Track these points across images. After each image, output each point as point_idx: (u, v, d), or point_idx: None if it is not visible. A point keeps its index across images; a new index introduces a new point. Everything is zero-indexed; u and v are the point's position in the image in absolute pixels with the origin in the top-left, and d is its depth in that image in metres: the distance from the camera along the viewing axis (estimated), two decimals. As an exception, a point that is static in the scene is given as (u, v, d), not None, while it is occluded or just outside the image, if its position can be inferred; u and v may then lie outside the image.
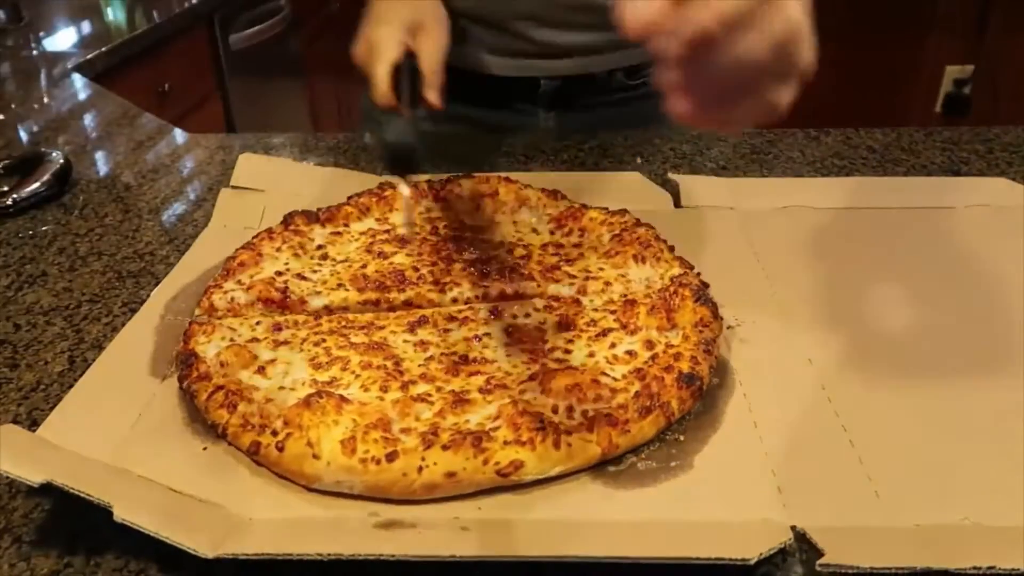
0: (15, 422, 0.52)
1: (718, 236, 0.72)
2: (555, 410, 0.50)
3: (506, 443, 0.46)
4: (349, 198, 0.75)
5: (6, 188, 0.82)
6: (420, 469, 0.45)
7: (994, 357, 0.56)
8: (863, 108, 2.57)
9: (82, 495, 0.42)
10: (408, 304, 0.62)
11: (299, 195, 0.77)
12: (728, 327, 0.59)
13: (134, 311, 0.64)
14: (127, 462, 0.48)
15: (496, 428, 0.48)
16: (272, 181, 0.82)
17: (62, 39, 1.73)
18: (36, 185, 0.83)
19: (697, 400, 0.52)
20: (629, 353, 0.55)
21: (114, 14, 1.90)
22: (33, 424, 0.52)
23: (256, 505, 0.45)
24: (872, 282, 0.65)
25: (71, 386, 0.55)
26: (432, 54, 0.76)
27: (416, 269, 0.65)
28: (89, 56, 1.50)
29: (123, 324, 0.62)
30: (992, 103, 2.54)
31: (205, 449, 0.50)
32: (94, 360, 0.58)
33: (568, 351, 0.55)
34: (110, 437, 0.50)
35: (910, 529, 0.43)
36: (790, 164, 0.87)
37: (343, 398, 0.49)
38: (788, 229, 0.73)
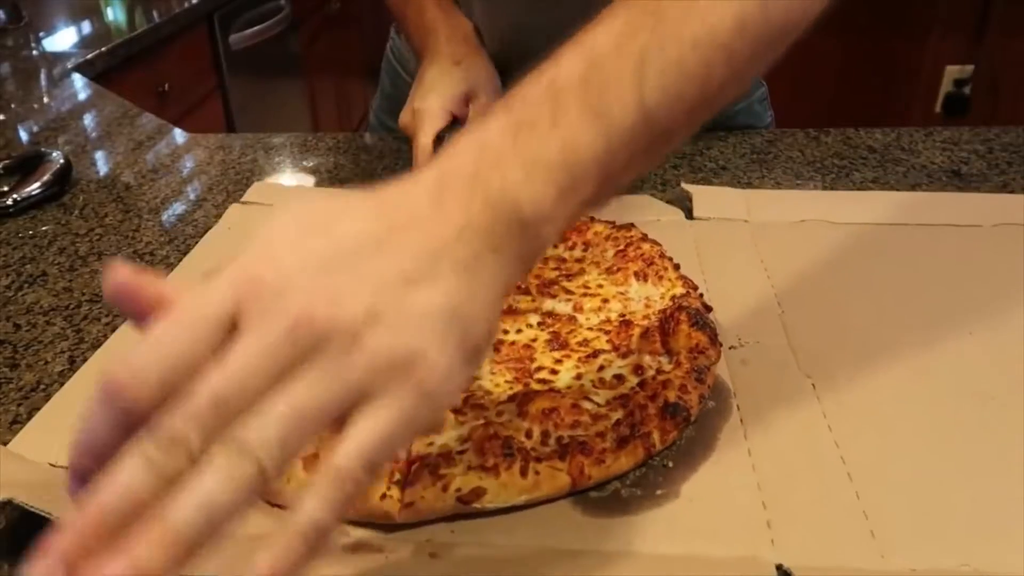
0: (15, 422, 0.52)
1: (728, 250, 0.69)
2: (529, 434, 0.47)
3: (470, 468, 0.44)
4: None
5: (6, 188, 0.82)
6: (382, 496, 0.43)
7: (1010, 391, 0.52)
8: (863, 108, 2.57)
9: (43, 514, 0.41)
10: None
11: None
12: (730, 347, 0.57)
13: (134, 311, 0.64)
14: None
15: (463, 451, 0.45)
16: (282, 198, 0.81)
17: (62, 39, 1.73)
18: (36, 185, 0.83)
19: (682, 432, 0.49)
20: (617, 378, 0.52)
21: (114, 14, 1.90)
22: (33, 424, 0.52)
23: None
24: (887, 305, 0.62)
25: (71, 386, 0.55)
26: None
27: None
28: (89, 56, 1.50)
29: (123, 324, 0.62)
30: (992, 103, 2.54)
31: None
32: (94, 360, 0.58)
33: (555, 371, 0.53)
34: None
35: (905, 574, 0.40)
36: (790, 164, 0.87)
37: None
38: (803, 245, 0.70)
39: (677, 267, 0.63)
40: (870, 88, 2.60)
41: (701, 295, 0.61)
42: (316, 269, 0.29)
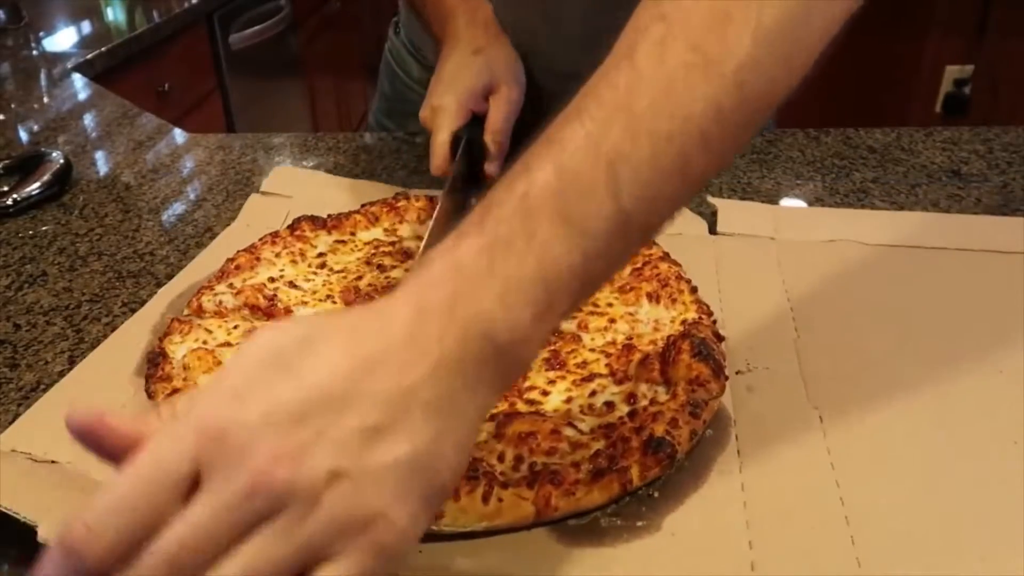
0: (15, 422, 0.52)
1: (750, 268, 0.66)
2: (501, 457, 0.45)
3: None
4: (362, 206, 0.73)
5: (6, 188, 0.82)
6: None
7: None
8: (863, 108, 2.57)
9: (9, 512, 0.41)
10: None
11: (325, 202, 0.75)
12: (736, 372, 0.54)
13: (134, 311, 0.64)
14: (88, 463, 0.46)
15: None
16: (302, 188, 0.80)
17: (62, 39, 1.73)
18: (36, 185, 0.83)
19: (666, 469, 0.45)
20: (607, 405, 0.50)
21: (114, 14, 1.90)
22: (33, 424, 0.52)
23: None
24: (912, 334, 0.57)
25: (71, 386, 0.55)
26: (500, 121, 0.72)
27: None
28: (89, 56, 1.50)
29: (123, 324, 0.62)
30: (992, 103, 2.54)
31: None
32: (94, 360, 0.58)
33: (546, 392, 0.51)
34: None
35: None
36: (790, 164, 0.87)
37: None
38: (829, 266, 0.66)
39: (694, 290, 0.60)
40: (870, 88, 2.60)
41: (714, 321, 0.57)
42: (280, 423, 0.29)
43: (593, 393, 0.51)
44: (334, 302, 0.61)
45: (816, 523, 0.43)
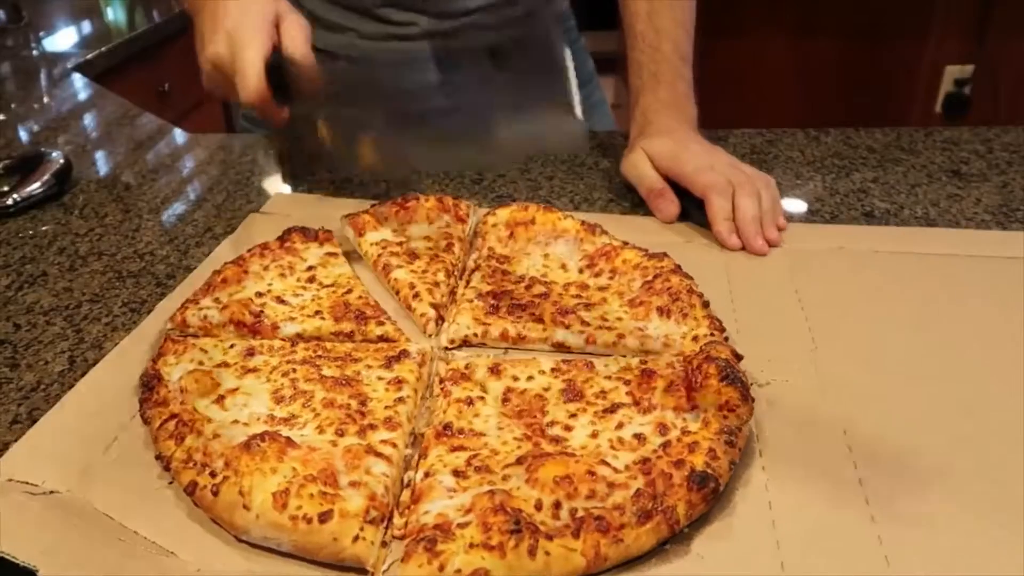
0: (15, 422, 0.52)
1: (762, 278, 0.65)
2: (539, 506, 0.42)
3: (471, 546, 0.40)
4: (371, 206, 0.72)
5: (6, 188, 0.82)
6: (356, 539, 0.41)
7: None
8: (863, 108, 2.56)
9: (7, 557, 0.40)
10: (383, 339, 0.59)
11: (326, 220, 0.73)
12: (757, 385, 0.53)
13: (134, 311, 0.64)
14: (89, 491, 0.45)
15: (466, 524, 0.41)
16: (301, 210, 0.78)
17: (62, 39, 1.73)
18: (36, 185, 0.83)
19: (710, 504, 0.43)
20: (637, 437, 0.47)
21: (114, 14, 1.90)
22: (33, 424, 0.52)
23: (204, 554, 0.42)
24: (930, 343, 0.56)
25: (71, 386, 0.55)
26: (301, 40, 0.69)
27: (412, 287, 0.62)
28: (89, 56, 1.50)
29: (123, 324, 0.62)
30: (992, 103, 2.54)
31: (170, 483, 0.46)
32: (94, 360, 0.58)
33: (569, 427, 0.49)
34: (81, 460, 0.48)
35: None
36: (790, 164, 0.87)
37: (290, 441, 0.45)
38: (841, 273, 0.66)
39: (706, 305, 0.59)
40: (870, 88, 2.59)
41: (727, 338, 0.56)
42: None
43: (620, 425, 0.48)
44: (323, 318, 0.60)
45: (848, 542, 0.42)
